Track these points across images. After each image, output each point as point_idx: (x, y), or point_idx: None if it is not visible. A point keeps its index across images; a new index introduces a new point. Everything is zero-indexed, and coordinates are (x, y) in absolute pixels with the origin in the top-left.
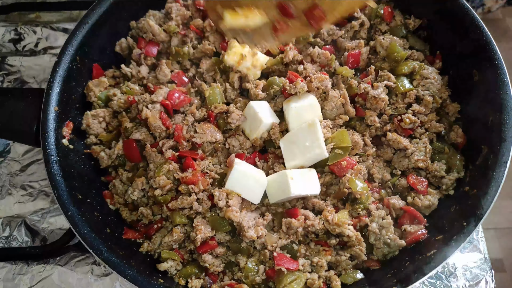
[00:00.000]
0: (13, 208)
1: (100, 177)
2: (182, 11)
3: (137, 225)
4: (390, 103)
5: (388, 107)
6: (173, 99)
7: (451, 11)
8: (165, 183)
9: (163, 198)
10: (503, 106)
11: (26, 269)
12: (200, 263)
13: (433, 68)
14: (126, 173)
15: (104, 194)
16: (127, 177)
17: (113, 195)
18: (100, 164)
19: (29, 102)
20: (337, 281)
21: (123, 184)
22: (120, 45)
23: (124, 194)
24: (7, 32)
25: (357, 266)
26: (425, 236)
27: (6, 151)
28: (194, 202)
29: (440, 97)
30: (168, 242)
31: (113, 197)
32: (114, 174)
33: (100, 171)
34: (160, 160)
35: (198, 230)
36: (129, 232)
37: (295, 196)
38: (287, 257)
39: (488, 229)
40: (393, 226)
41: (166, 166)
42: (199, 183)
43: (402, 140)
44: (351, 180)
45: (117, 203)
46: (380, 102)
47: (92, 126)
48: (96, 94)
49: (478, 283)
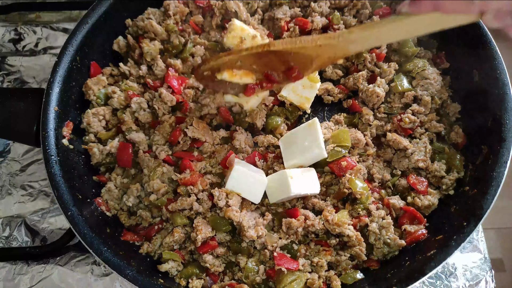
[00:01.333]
0: (13, 208)
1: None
2: (180, 7)
3: (136, 229)
4: (386, 101)
5: (383, 105)
6: (173, 85)
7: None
8: (159, 187)
9: (160, 202)
10: (503, 106)
11: (26, 269)
12: (200, 263)
13: (434, 69)
14: (120, 177)
15: (97, 202)
16: (121, 182)
17: (107, 202)
18: (91, 160)
19: (29, 102)
20: (337, 281)
21: (118, 189)
22: (118, 43)
23: (119, 200)
24: (7, 32)
25: (357, 266)
26: (425, 236)
27: (6, 151)
28: (194, 202)
29: (439, 98)
30: (169, 242)
31: (107, 203)
32: (108, 176)
33: (99, 171)
34: (154, 164)
35: (199, 231)
36: (127, 234)
37: (295, 195)
38: (287, 257)
39: (488, 229)
40: (393, 226)
41: (160, 168)
42: (198, 183)
43: (402, 140)
44: (351, 180)
45: (113, 209)
46: (374, 96)
47: (93, 124)
48: (95, 93)
49: (478, 283)
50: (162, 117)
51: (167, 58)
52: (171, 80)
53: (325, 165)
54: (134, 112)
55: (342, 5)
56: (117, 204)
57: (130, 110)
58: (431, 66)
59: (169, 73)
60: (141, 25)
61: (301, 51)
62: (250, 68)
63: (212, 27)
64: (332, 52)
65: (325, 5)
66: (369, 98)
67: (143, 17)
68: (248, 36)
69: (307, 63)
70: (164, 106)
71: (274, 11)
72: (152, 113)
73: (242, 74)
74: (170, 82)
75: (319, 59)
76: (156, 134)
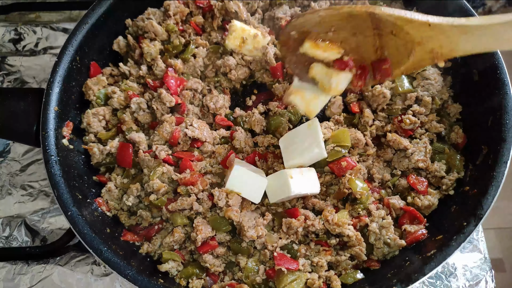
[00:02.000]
0: (13, 208)
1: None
2: (181, 8)
3: (136, 229)
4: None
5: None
6: (170, 85)
7: (450, 10)
8: (159, 186)
9: (159, 201)
10: (503, 106)
11: (26, 269)
12: (201, 263)
13: (435, 69)
14: (120, 177)
15: (97, 202)
16: (121, 182)
17: (107, 202)
18: (91, 160)
19: (29, 102)
20: (337, 281)
21: (118, 189)
22: (118, 43)
23: (119, 200)
24: (7, 32)
25: (357, 266)
26: (425, 236)
27: (6, 151)
28: (194, 202)
29: (440, 98)
30: (169, 242)
31: (107, 203)
32: (108, 176)
33: (99, 171)
34: (154, 164)
35: (199, 231)
36: (127, 234)
37: (295, 195)
38: (287, 257)
39: (488, 229)
40: (393, 226)
41: (160, 168)
42: (198, 183)
43: (402, 141)
44: (351, 180)
45: (113, 210)
46: (381, 97)
47: (93, 124)
48: (94, 93)
49: (478, 283)
50: (161, 118)
51: (167, 58)
52: (169, 80)
53: (325, 165)
54: (134, 112)
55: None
56: (117, 204)
57: (130, 110)
58: (432, 67)
59: (168, 73)
60: (141, 25)
61: (405, 28)
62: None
63: (213, 28)
64: (437, 43)
65: (325, 4)
66: (375, 98)
67: (143, 17)
68: (249, 35)
69: (404, 54)
70: (163, 107)
71: (274, 10)
72: (152, 114)
73: (326, 47)
74: (168, 82)
75: (420, 50)
76: (156, 134)
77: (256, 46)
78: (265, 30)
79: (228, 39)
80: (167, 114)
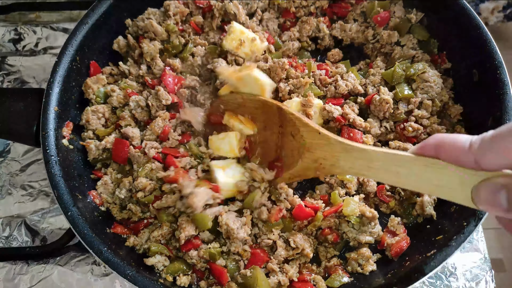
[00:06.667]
0: (13, 208)
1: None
2: (180, 8)
3: (128, 223)
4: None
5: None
6: (167, 83)
7: (451, 10)
8: (144, 185)
9: (147, 199)
10: (503, 106)
11: (26, 269)
12: (186, 260)
13: (435, 71)
14: (115, 173)
15: (91, 194)
16: (115, 177)
17: (100, 194)
18: (88, 156)
19: (29, 102)
20: (322, 282)
21: (114, 184)
22: (118, 43)
23: (112, 194)
24: (7, 32)
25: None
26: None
27: (6, 151)
28: (177, 201)
29: (440, 100)
30: (157, 236)
31: (100, 196)
32: (104, 171)
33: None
34: (143, 160)
35: (182, 229)
36: (118, 227)
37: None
38: (264, 252)
39: (488, 229)
40: None
41: (149, 165)
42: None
43: (407, 147)
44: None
45: (106, 203)
46: (384, 103)
47: (92, 121)
48: (94, 91)
49: (478, 283)
50: (155, 114)
51: (166, 58)
52: (166, 78)
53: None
54: (132, 110)
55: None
56: (110, 198)
57: (129, 108)
58: (431, 69)
59: (166, 72)
60: (141, 25)
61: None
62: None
63: (212, 28)
64: (322, 154)
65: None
66: (379, 108)
67: (143, 17)
68: (247, 39)
69: (296, 158)
70: (158, 104)
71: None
72: (149, 112)
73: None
74: (166, 80)
75: (308, 157)
76: (148, 129)
77: (253, 49)
78: (264, 36)
79: (226, 40)
80: (161, 111)
